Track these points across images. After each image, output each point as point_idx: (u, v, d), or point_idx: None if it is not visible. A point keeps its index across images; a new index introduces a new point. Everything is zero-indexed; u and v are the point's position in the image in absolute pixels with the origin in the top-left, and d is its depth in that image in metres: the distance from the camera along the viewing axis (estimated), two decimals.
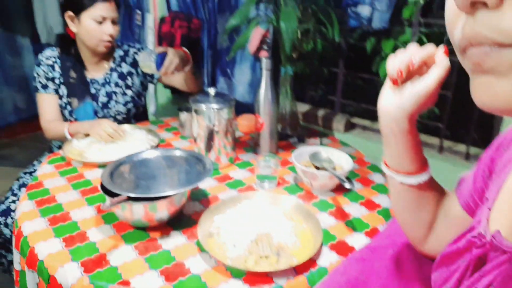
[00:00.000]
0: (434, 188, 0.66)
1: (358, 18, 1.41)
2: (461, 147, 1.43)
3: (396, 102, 0.56)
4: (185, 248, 0.89)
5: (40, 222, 0.96)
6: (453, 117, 1.42)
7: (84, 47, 1.50)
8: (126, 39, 2.42)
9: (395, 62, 0.54)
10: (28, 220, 0.97)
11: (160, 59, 1.35)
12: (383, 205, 1.08)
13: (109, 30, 1.43)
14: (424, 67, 0.54)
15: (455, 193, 0.64)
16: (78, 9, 1.40)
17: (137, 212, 0.90)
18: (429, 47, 0.53)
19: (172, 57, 1.36)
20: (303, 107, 1.78)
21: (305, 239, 0.90)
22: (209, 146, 1.23)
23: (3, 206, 1.41)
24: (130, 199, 0.89)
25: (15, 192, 1.44)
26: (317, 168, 1.15)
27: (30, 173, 1.51)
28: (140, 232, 0.94)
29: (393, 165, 0.63)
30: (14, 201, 1.38)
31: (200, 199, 1.08)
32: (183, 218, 0.99)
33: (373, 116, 1.67)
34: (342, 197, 1.11)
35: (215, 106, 1.19)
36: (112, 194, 0.91)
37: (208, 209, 0.98)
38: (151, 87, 2.30)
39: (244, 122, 1.53)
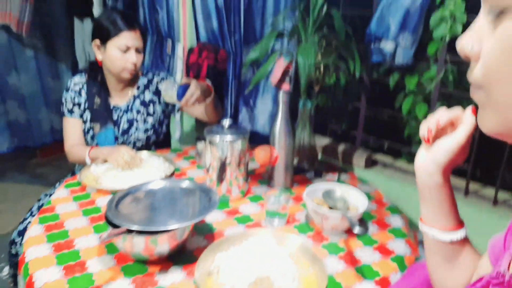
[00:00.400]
0: (469, 249, 0.67)
1: (381, 53, 1.38)
2: (489, 191, 1.33)
3: (429, 157, 0.62)
4: (182, 286, 0.86)
5: (44, 249, 0.97)
6: (481, 158, 1.33)
7: (110, 74, 1.55)
8: (156, 67, 2.49)
9: (426, 123, 0.61)
10: (35, 245, 0.98)
11: (183, 90, 1.37)
12: (398, 252, 1.01)
13: (133, 58, 1.47)
14: (452, 127, 0.61)
15: (488, 255, 0.61)
16: (104, 38, 1.46)
17: (137, 245, 0.89)
18: (456, 110, 0.60)
19: (194, 89, 1.37)
20: (323, 141, 1.74)
21: (308, 285, 0.85)
22: (221, 178, 1.21)
23: (21, 226, 1.45)
24: (130, 231, 0.87)
25: (33, 213, 1.48)
26: (330, 207, 1.11)
27: (50, 195, 1.55)
28: (140, 265, 0.92)
29: (428, 220, 0.66)
30: (30, 222, 1.41)
31: (205, 233, 1.05)
32: (185, 253, 0.97)
33: (395, 153, 1.60)
34: (355, 240, 1.05)
35: (228, 137, 1.17)
36: (115, 225, 0.90)
37: (211, 245, 0.95)
38: (177, 114, 2.33)
39: (262, 153, 1.51)
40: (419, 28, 1.29)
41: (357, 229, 0.92)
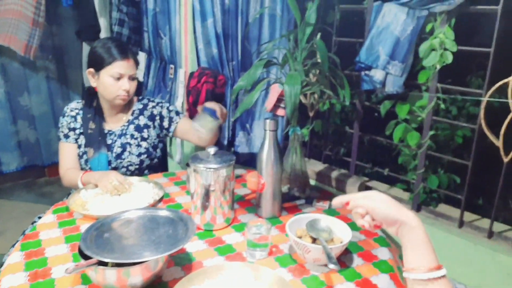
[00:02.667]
0: None
1: (371, 81, 1.37)
2: (484, 222, 1.28)
3: None
4: None
5: (20, 277, 0.96)
6: (475, 189, 1.29)
7: (104, 100, 1.58)
8: (159, 91, 2.53)
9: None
10: (11, 273, 0.98)
11: (211, 111, 1.41)
12: (381, 287, 0.97)
13: (126, 86, 1.50)
14: None
15: None
16: (98, 67, 1.49)
17: (109, 277, 0.87)
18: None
19: (220, 107, 1.44)
20: (319, 166, 1.72)
21: None
22: (205, 205, 1.20)
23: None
24: (102, 263, 0.87)
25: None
26: (314, 238, 1.08)
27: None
28: None
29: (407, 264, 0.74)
30: None
31: (184, 264, 1.04)
32: (161, 285, 0.95)
33: (390, 180, 1.57)
34: (337, 275, 1.02)
35: (212, 165, 1.17)
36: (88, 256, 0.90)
37: (185, 278, 0.93)
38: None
39: (253, 179, 1.50)
40: (409, 57, 1.28)
41: (331, 265, 0.89)
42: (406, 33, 1.24)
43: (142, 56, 2.64)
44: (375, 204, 0.78)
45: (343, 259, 1.09)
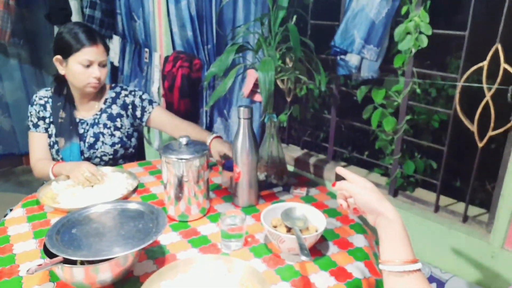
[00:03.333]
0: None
1: (347, 66, 1.34)
2: (459, 206, 1.30)
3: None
4: None
5: None
6: (451, 173, 1.29)
7: (74, 88, 1.52)
8: (135, 75, 2.46)
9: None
10: None
11: (228, 164, 1.39)
12: (355, 275, 0.98)
13: (96, 73, 1.44)
14: None
15: None
16: (66, 54, 1.43)
17: (77, 275, 0.85)
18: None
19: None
20: (297, 152, 1.70)
21: None
22: (178, 196, 1.18)
23: None
24: (67, 261, 0.84)
25: None
26: (288, 228, 1.07)
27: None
28: None
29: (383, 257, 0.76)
30: None
31: (156, 257, 1.02)
32: (132, 280, 0.93)
33: (367, 165, 1.57)
34: (312, 264, 1.02)
35: (184, 156, 1.14)
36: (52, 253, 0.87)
37: (157, 272, 0.91)
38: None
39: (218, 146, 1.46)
40: (384, 41, 1.25)
41: (303, 257, 0.88)
42: (381, 16, 1.21)
43: (116, 40, 2.56)
44: (358, 190, 0.81)
45: (319, 247, 1.08)
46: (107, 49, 1.50)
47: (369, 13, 1.24)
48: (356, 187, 0.82)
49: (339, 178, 0.89)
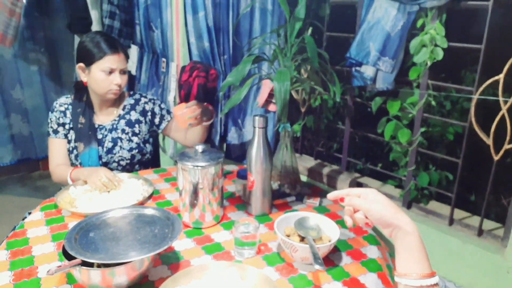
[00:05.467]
0: None
1: (362, 78, 1.35)
2: (474, 220, 1.28)
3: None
4: None
5: (4, 277, 0.96)
6: (466, 186, 1.29)
7: (94, 94, 1.57)
8: (152, 84, 2.51)
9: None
10: None
11: (243, 175, 1.38)
12: (368, 286, 0.97)
13: (117, 80, 1.49)
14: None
15: None
16: (88, 61, 1.48)
17: (94, 277, 0.87)
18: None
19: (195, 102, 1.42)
20: (310, 162, 1.71)
21: None
22: (193, 203, 1.19)
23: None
24: (86, 263, 0.86)
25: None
26: (302, 237, 1.07)
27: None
28: None
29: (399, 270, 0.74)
30: None
31: (171, 263, 1.03)
32: (147, 285, 0.95)
33: (381, 177, 1.57)
34: (325, 274, 1.02)
35: (200, 163, 1.16)
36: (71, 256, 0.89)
37: (171, 277, 0.92)
38: None
39: (179, 113, 1.43)
40: (400, 53, 1.26)
41: (317, 266, 0.88)
42: (397, 28, 1.22)
43: (134, 50, 2.61)
44: (371, 205, 0.77)
45: (332, 258, 1.08)
46: (127, 57, 1.54)
47: (385, 25, 1.25)
48: (366, 203, 0.78)
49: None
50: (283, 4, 1.26)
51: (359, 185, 1.57)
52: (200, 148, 1.19)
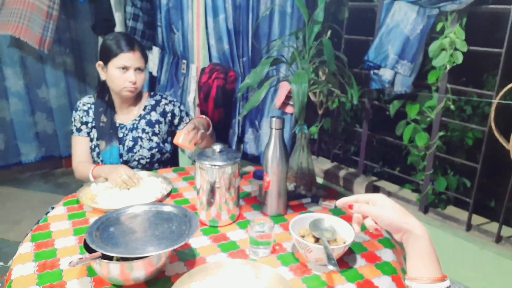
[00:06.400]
0: None
1: (380, 80, 1.35)
2: (493, 226, 1.26)
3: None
4: None
5: (29, 267, 1.00)
6: (484, 192, 1.27)
7: (114, 93, 1.61)
8: (171, 85, 2.56)
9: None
10: (21, 263, 1.01)
11: (260, 175, 1.40)
12: None
13: (131, 78, 1.53)
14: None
15: None
16: (106, 59, 1.53)
17: (113, 270, 0.90)
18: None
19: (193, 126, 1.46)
20: (327, 165, 1.71)
21: None
22: (210, 201, 1.22)
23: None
24: (106, 256, 0.89)
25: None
26: (316, 238, 1.08)
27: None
28: None
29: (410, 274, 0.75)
30: None
31: (187, 259, 1.06)
32: (163, 280, 0.97)
33: (398, 181, 1.56)
34: (339, 275, 1.02)
35: (218, 163, 1.18)
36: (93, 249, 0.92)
37: (187, 273, 0.95)
38: None
39: (181, 136, 1.46)
40: (419, 56, 1.26)
41: (331, 266, 0.89)
42: (416, 32, 1.22)
43: (156, 51, 2.67)
44: (380, 211, 0.77)
45: (346, 260, 1.09)
46: (144, 56, 1.58)
47: (404, 29, 1.25)
48: (376, 209, 0.78)
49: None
50: (302, 7, 1.27)
51: (376, 188, 1.57)
52: (218, 148, 1.22)
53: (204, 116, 1.67)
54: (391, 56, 1.27)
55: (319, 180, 1.68)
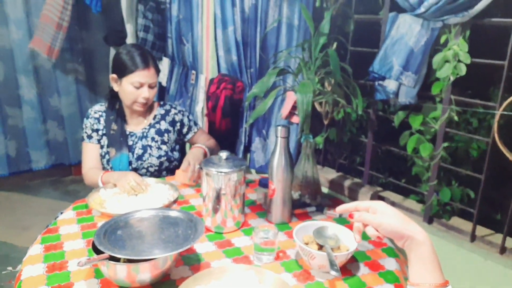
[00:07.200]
0: None
1: (384, 91, 1.37)
2: (497, 237, 1.26)
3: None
4: None
5: (39, 268, 1.03)
6: (489, 203, 1.28)
7: (125, 104, 1.65)
8: (180, 96, 2.60)
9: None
10: (31, 264, 1.04)
11: (265, 183, 1.44)
12: None
13: (145, 94, 1.57)
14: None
15: None
16: (121, 74, 1.57)
17: (119, 272, 0.92)
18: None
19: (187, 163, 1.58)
20: (332, 174, 1.73)
21: None
22: (216, 208, 1.24)
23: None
24: (113, 258, 0.91)
25: None
26: (320, 245, 1.10)
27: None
28: None
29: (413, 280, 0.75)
30: None
31: (192, 264, 1.07)
32: (168, 283, 0.99)
33: (403, 191, 1.57)
34: (342, 282, 1.03)
35: (223, 169, 1.20)
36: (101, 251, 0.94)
37: (192, 277, 0.96)
38: None
39: (181, 175, 1.59)
40: (423, 68, 1.28)
41: (333, 272, 0.90)
42: (420, 44, 1.25)
43: (165, 62, 2.73)
44: (381, 219, 0.77)
45: (349, 267, 1.10)
46: (157, 71, 1.63)
47: (408, 41, 1.28)
48: (377, 218, 0.78)
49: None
50: (308, 20, 1.31)
51: (381, 198, 1.58)
52: (224, 155, 1.24)
53: (199, 145, 1.73)
54: (395, 67, 1.30)
55: (324, 189, 1.70)
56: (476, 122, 1.84)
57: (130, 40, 2.88)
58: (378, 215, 0.78)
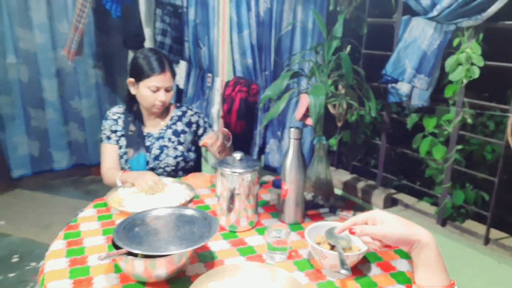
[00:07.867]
0: None
1: (397, 94, 1.39)
2: (510, 240, 1.26)
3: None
4: None
5: (61, 262, 1.08)
6: (503, 206, 1.27)
7: (142, 106, 1.70)
8: (197, 98, 2.65)
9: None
10: (54, 258, 1.09)
11: (278, 184, 1.49)
12: None
13: (162, 97, 1.62)
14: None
15: None
16: (138, 78, 1.62)
17: (137, 267, 0.96)
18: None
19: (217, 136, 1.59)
20: (345, 176, 1.74)
21: None
22: (230, 207, 1.27)
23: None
24: (131, 253, 0.96)
25: None
26: (332, 245, 1.11)
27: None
28: (140, 286, 0.99)
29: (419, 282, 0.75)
30: None
31: (206, 261, 1.11)
32: (183, 279, 1.03)
33: (417, 194, 1.57)
34: (353, 282, 1.05)
35: (238, 170, 1.24)
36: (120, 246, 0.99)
37: (206, 273, 1.00)
38: None
39: (196, 180, 1.62)
40: (436, 71, 1.29)
41: (343, 270, 0.92)
42: (433, 47, 1.25)
43: (183, 65, 2.78)
44: (385, 230, 0.77)
45: (361, 268, 1.11)
46: (174, 75, 1.67)
47: (421, 44, 1.29)
48: (380, 230, 0.77)
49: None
50: (321, 24, 1.33)
51: (394, 201, 1.58)
52: (238, 155, 1.28)
53: (226, 130, 1.75)
54: (408, 70, 1.31)
55: (338, 191, 1.71)
56: (493, 125, 1.83)
57: (148, 43, 2.95)
58: (380, 226, 0.78)
